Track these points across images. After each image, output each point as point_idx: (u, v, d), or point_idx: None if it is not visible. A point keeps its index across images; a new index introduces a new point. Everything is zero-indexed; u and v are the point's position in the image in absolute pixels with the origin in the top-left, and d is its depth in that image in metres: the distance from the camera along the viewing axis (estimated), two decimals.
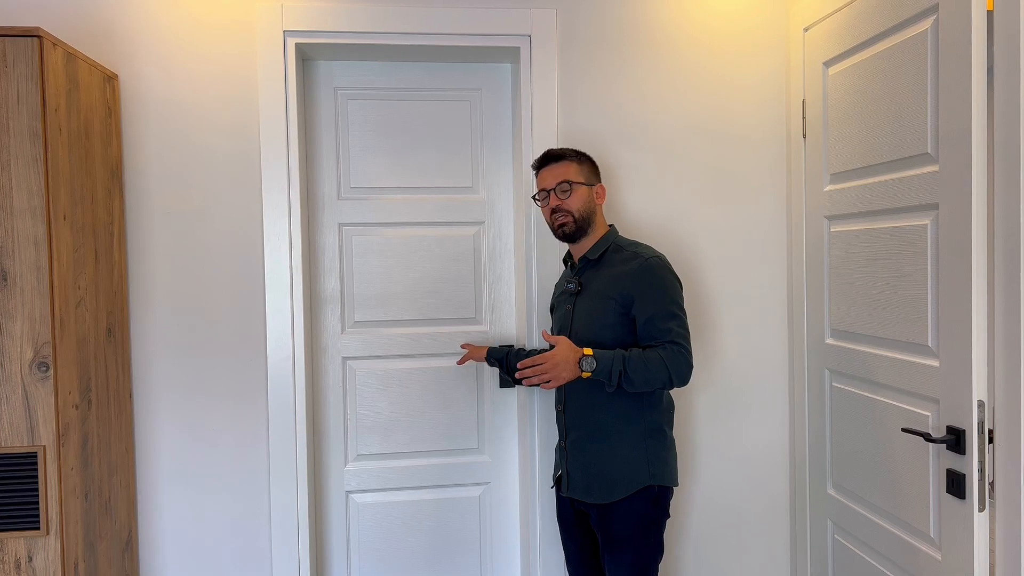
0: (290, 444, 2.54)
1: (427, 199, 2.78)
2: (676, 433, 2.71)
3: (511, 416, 2.85)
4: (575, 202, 2.17)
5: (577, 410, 2.18)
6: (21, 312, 1.91)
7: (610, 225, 2.27)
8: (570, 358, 1.98)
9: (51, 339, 1.92)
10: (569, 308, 2.22)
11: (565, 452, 2.22)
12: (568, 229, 2.18)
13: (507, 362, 2.50)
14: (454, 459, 2.83)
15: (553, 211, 2.18)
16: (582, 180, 2.19)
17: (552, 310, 2.42)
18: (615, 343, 2.08)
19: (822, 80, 2.46)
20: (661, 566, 2.70)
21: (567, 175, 2.18)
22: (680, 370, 2.01)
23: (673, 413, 2.23)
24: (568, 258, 2.34)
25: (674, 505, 2.72)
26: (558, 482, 2.27)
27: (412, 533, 2.81)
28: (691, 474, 2.73)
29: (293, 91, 2.52)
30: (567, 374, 1.97)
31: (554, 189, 2.18)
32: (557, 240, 2.28)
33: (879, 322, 2.17)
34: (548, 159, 2.22)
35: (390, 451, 2.79)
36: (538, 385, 2.05)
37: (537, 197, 2.25)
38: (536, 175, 2.27)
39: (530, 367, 1.98)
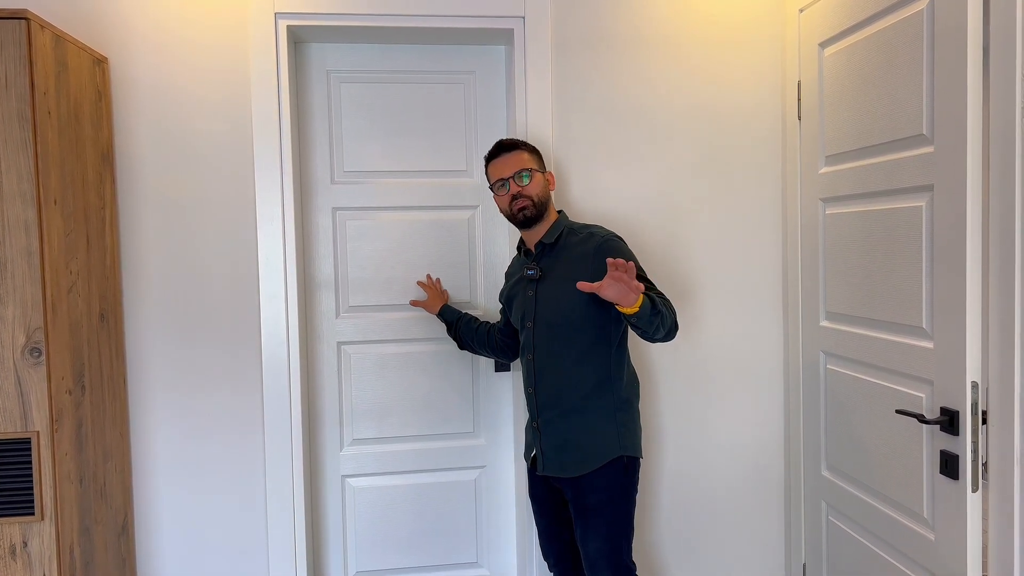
0: (285, 428, 2.54)
1: (421, 183, 2.76)
2: (671, 414, 2.72)
3: (506, 399, 2.85)
4: (534, 188, 2.21)
5: (548, 391, 2.22)
6: (12, 297, 1.90)
7: (559, 211, 2.31)
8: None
9: (43, 324, 1.91)
10: (531, 294, 2.25)
11: (538, 432, 2.26)
12: (528, 213, 2.21)
13: (457, 329, 2.59)
14: (449, 443, 2.83)
15: (514, 197, 2.21)
16: (536, 167, 2.25)
17: (507, 300, 2.42)
18: (585, 323, 2.14)
19: (818, 61, 2.45)
20: (653, 545, 2.72)
21: (523, 163, 2.23)
22: (674, 315, 2.04)
23: (638, 388, 2.29)
24: (521, 244, 2.36)
25: (669, 487, 2.73)
26: (534, 461, 2.30)
27: (408, 516, 2.82)
28: (687, 455, 2.74)
29: (285, 74, 2.50)
30: (634, 292, 1.85)
31: (512, 177, 2.22)
32: (513, 227, 2.37)
33: (874, 304, 2.17)
34: (502, 149, 2.26)
35: (385, 435, 2.80)
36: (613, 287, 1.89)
37: (493, 187, 2.28)
38: (488, 166, 2.30)
39: (622, 270, 1.85)
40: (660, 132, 2.66)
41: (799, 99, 2.58)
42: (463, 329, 2.58)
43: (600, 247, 2.13)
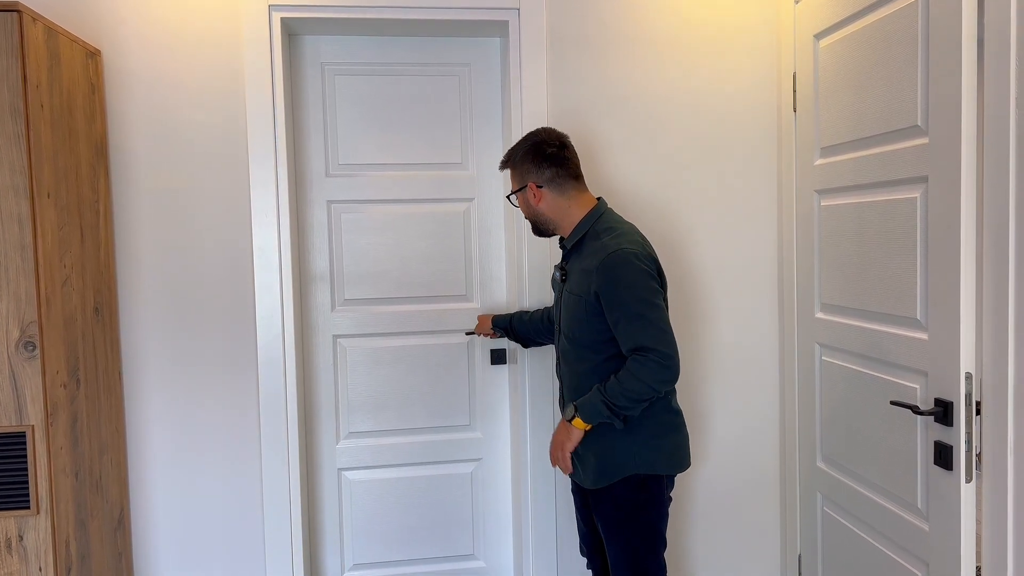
0: (281, 422, 2.54)
1: (416, 176, 2.76)
2: None
3: (502, 393, 2.86)
4: (523, 210, 2.20)
5: (569, 398, 2.16)
6: (6, 291, 1.89)
7: (598, 198, 2.16)
8: (559, 428, 2.09)
9: (37, 318, 1.91)
10: (559, 295, 2.19)
11: None
12: (534, 232, 2.23)
13: (512, 328, 2.52)
14: (446, 436, 2.84)
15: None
16: (516, 187, 2.16)
17: (553, 288, 2.37)
18: (591, 339, 2.04)
19: (813, 53, 2.44)
20: None
21: (512, 185, 2.19)
22: (655, 374, 1.91)
23: (669, 400, 2.10)
24: (561, 238, 2.25)
25: None
26: None
27: (404, 509, 2.82)
28: None
29: (279, 67, 2.48)
30: (563, 436, 2.07)
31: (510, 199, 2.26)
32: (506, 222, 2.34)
33: (869, 296, 2.18)
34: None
35: (382, 428, 2.80)
36: (571, 466, 2.12)
37: None
38: None
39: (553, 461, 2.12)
40: (655, 124, 2.66)
41: (794, 91, 2.58)
42: (518, 327, 2.50)
43: (600, 265, 1.97)
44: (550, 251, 2.61)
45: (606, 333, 2.02)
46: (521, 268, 2.62)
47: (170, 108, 2.46)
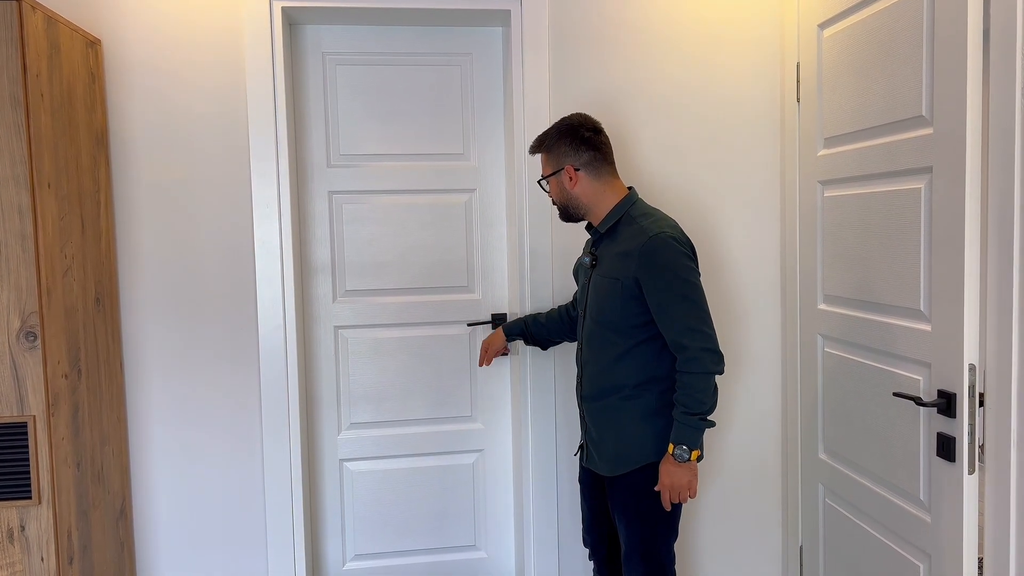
0: (283, 412, 2.54)
1: (418, 166, 2.75)
2: None
3: (504, 384, 2.85)
4: (553, 194, 2.19)
5: (589, 385, 2.16)
6: (7, 281, 1.89)
7: (629, 188, 2.17)
8: (677, 471, 2.00)
9: (38, 308, 1.91)
10: (586, 281, 2.19)
11: (584, 423, 2.23)
12: (562, 218, 2.21)
13: (527, 333, 2.48)
14: (447, 427, 2.84)
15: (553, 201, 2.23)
16: (550, 171, 2.16)
17: (574, 276, 2.37)
18: (623, 323, 2.05)
19: (816, 43, 2.43)
20: None
21: (542, 170, 2.20)
22: (708, 364, 1.97)
23: None
24: (589, 224, 2.25)
25: None
26: (582, 449, 2.27)
27: (406, 500, 2.82)
28: None
29: (280, 56, 2.47)
30: (688, 476, 2.00)
31: (540, 184, 2.23)
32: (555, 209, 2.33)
33: (872, 287, 2.17)
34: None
35: (383, 419, 2.80)
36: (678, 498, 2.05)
37: None
38: None
39: (669, 500, 2.04)
40: (657, 115, 2.65)
41: (798, 81, 2.57)
42: (534, 330, 2.47)
43: (642, 248, 1.99)
44: (551, 243, 2.60)
45: (640, 317, 2.03)
46: (522, 259, 2.61)
47: (171, 98, 2.45)
